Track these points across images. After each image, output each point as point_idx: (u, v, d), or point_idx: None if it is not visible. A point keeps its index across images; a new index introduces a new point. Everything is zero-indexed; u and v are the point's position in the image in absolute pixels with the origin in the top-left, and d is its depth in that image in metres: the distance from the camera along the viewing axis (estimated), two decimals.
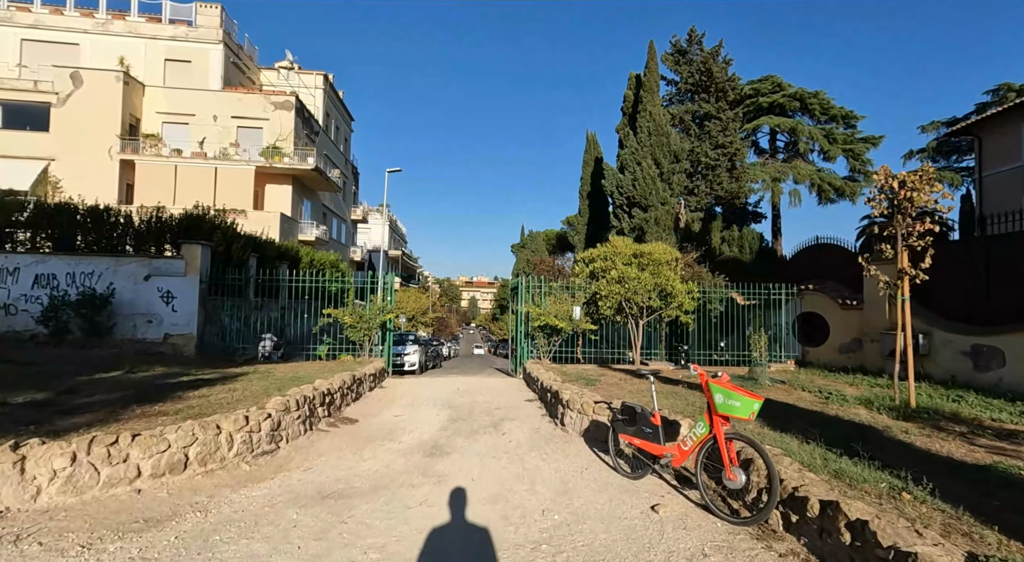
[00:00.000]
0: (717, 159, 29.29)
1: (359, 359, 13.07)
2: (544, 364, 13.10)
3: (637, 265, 13.32)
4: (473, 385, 12.19)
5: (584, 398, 6.92)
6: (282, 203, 27.64)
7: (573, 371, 11.54)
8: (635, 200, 27.82)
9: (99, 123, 25.27)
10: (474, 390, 11.25)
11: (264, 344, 14.35)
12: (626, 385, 8.82)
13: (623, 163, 28.84)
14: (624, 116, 33.82)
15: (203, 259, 12.93)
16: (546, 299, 14.08)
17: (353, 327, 12.98)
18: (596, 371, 11.70)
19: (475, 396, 10.39)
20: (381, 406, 9.23)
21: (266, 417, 5.80)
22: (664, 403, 6.92)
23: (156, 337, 12.54)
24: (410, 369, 16.51)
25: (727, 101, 30.20)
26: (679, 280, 13.25)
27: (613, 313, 13.29)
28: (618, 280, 13.02)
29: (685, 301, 13.05)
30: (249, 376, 9.14)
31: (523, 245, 63.43)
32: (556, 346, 13.67)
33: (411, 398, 10.17)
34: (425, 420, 8.04)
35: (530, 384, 11.61)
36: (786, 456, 4.37)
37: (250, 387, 7.77)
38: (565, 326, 13.19)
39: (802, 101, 32.92)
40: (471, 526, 4.04)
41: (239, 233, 14.80)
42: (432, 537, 3.81)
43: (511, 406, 9.21)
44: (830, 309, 13.25)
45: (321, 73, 32.05)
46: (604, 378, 10.05)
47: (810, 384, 9.57)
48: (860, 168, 33.16)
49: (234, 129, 27.33)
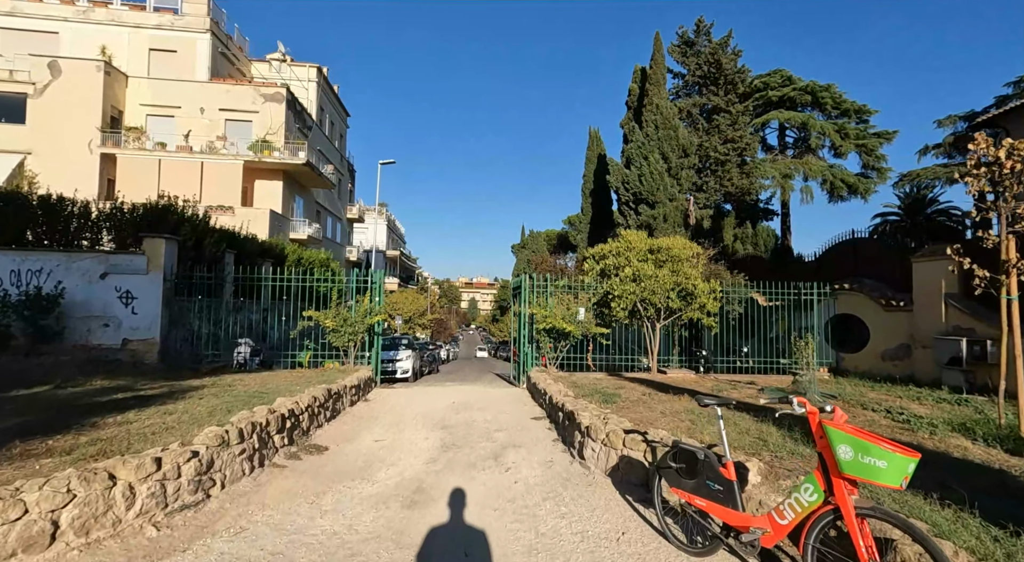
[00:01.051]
0: (727, 154, 27.81)
1: (343, 367, 11.54)
2: (551, 372, 11.57)
3: (653, 262, 11.80)
4: (471, 397, 10.66)
5: (610, 426, 5.38)
6: (272, 199, 26.12)
7: (585, 382, 10.01)
8: (642, 196, 26.31)
9: (79, 115, 23.75)
10: (472, 404, 9.72)
11: (240, 350, 12.83)
12: (655, 403, 7.29)
13: (629, 158, 27.35)
14: (629, 110, 32.35)
15: (168, 255, 11.40)
16: (551, 299, 12.56)
17: (336, 331, 11.45)
18: (611, 382, 10.18)
19: (473, 412, 8.85)
20: (361, 426, 7.70)
21: (189, 457, 4.27)
22: (709, 429, 5.40)
23: (113, 342, 11.00)
24: (403, 377, 14.96)
25: (737, 94, 28.73)
26: (700, 278, 11.72)
27: (627, 315, 11.76)
28: (633, 278, 11.49)
29: (708, 302, 11.53)
30: (203, 391, 7.61)
31: (523, 245, 61.95)
32: (564, 352, 12.14)
33: (398, 415, 8.64)
34: (411, 447, 6.52)
35: (536, 396, 10.09)
36: (942, 538, 2.84)
37: (195, 408, 6.23)
38: (574, 329, 11.66)
39: (813, 95, 31.41)
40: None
41: (212, 227, 13.27)
42: None
43: (516, 427, 7.68)
44: (870, 310, 11.73)
45: (314, 65, 30.55)
46: (623, 392, 8.52)
47: (865, 399, 8.04)
48: (873, 164, 31.68)
49: (222, 122, 25.82)
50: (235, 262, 14.01)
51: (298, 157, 25.41)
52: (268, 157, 25.02)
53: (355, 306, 11.89)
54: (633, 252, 11.96)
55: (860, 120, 31.97)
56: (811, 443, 4.41)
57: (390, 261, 50.87)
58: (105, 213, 11.56)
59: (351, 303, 12.04)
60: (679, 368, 12.67)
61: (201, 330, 12.60)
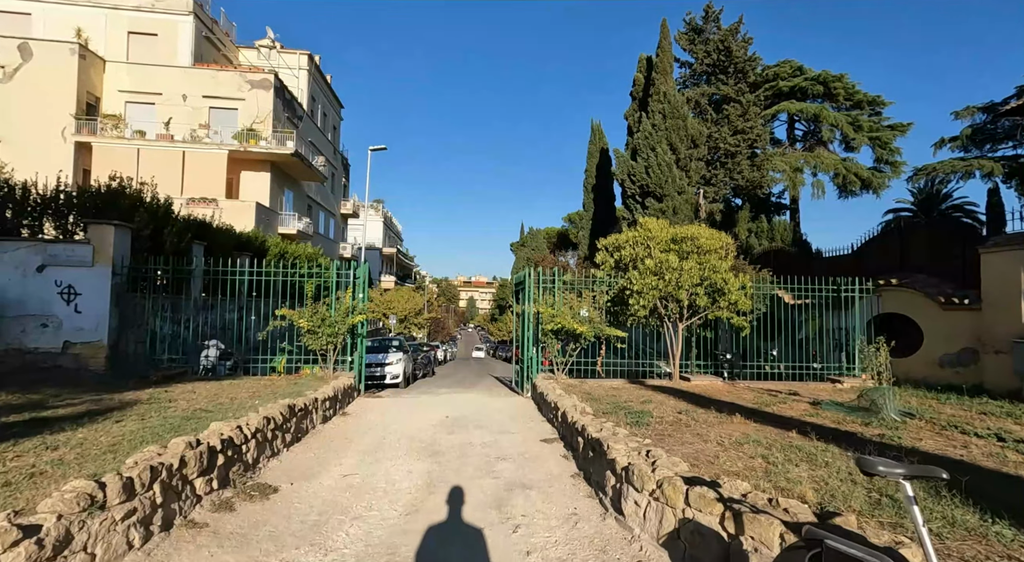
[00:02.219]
0: (737, 145, 26.24)
1: (321, 374, 9.93)
2: (559, 380, 9.99)
3: (677, 253, 10.21)
4: (468, 409, 9.06)
5: (661, 472, 3.77)
6: (259, 192, 24.47)
7: (601, 393, 8.42)
8: (649, 189, 24.73)
9: (52, 101, 22.08)
10: (468, 419, 8.12)
11: (208, 354, 11.23)
12: (700, 426, 5.69)
13: (635, 149, 25.76)
14: (634, 101, 30.75)
15: (118, 244, 9.77)
16: (560, 296, 10.97)
17: (312, 333, 9.84)
18: (631, 392, 8.59)
19: (469, 431, 7.25)
20: (329, 453, 6.09)
21: (18, 539, 2.67)
22: (797, 474, 3.81)
23: (52, 346, 9.37)
24: (392, 382, 13.34)
25: (747, 83, 27.16)
26: (731, 272, 10.15)
27: (648, 314, 10.18)
28: (655, 271, 9.91)
29: (739, 299, 9.95)
30: (131, 410, 6.00)
31: (523, 243, 60.41)
32: (574, 356, 10.55)
33: (379, 435, 7.03)
34: (388, 487, 4.92)
35: (544, 410, 8.50)
36: None
37: (99, 437, 4.63)
38: (586, 331, 10.07)
39: (825, 85, 29.87)
40: None
41: (174, 214, 11.64)
42: None
43: (523, 454, 6.09)
44: (924, 309, 10.17)
45: (305, 52, 28.88)
46: (652, 408, 6.93)
47: (944, 417, 6.47)
48: (887, 158, 30.18)
49: (206, 110, 24.17)
50: (206, 255, 12.39)
51: (286, 147, 23.77)
52: (254, 147, 23.38)
53: (335, 304, 10.28)
54: (654, 242, 10.37)
55: (873, 112, 30.47)
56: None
57: (386, 259, 49.22)
58: (45, 197, 9.92)
59: (333, 300, 10.42)
60: (703, 374, 11.09)
61: (163, 331, 10.98)
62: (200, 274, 11.88)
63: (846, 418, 6.30)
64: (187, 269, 10.96)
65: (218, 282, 11.65)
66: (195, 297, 11.90)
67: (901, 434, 5.44)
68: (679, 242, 10.41)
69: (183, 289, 11.59)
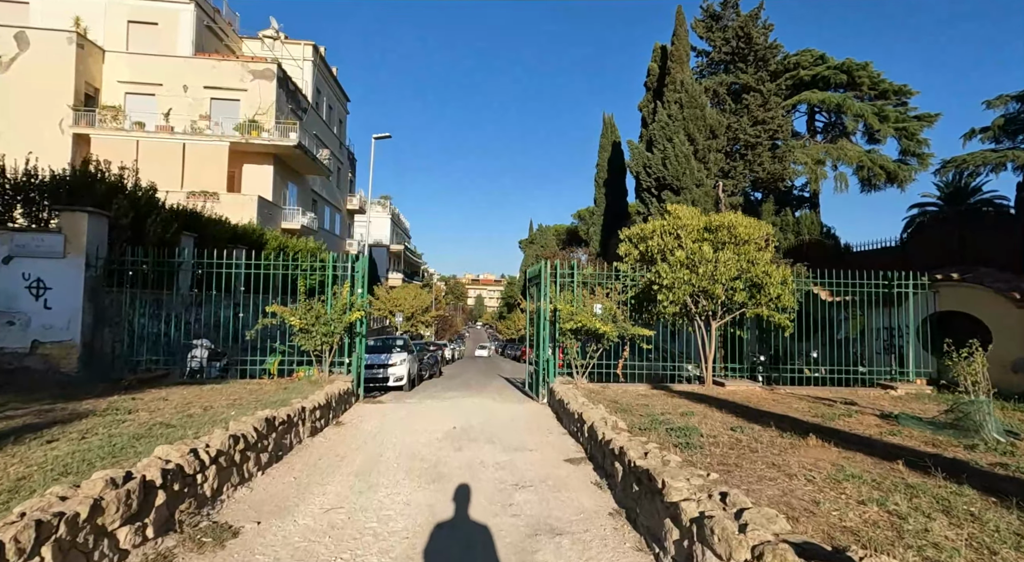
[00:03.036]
0: (757, 136, 24.94)
1: (315, 378, 8.90)
2: (580, 385, 8.89)
3: (711, 243, 9.06)
4: (477, 418, 7.98)
5: (753, 528, 2.66)
6: (262, 186, 23.55)
7: (631, 401, 7.31)
8: (666, 181, 23.52)
9: (49, 91, 21.28)
10: (478, 431, 7.04)
11: (195, 354, 10.23)
12: (767, 450, 4.55)
13: (651, 139, 24.55)
14: (648, 92, 29.55)
15: (93, 234, 8.80)
16: (579, 292, 9.86)
17: (305, 332, 8.79)
18: (663, 400, 7.47)
19: (480, 448, 6.17)
20: (313, 477, 5.04)
21: None
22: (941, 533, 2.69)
23: (19, 345, 8.42)
24: (396, 385, 12.29)
25: (768, 71, 25.85)
26: (772, 265, 8.98)
27: (678, 311, 9.04)
28: (687, 264, 8.77)
29: (783, 295, 8.79)
30: (82, 424, 4.98)
31: (531, 240, 59.32)
32: (596, 358, 9.43)
33: (374, 451, 5.97)
34: (379, 528, 3.85)
35: (565, 421, 7.40)
36: None
37: (6, 470, 3.60)
38: (610, 330, 8.95)
39: (849, 74, 28.41)
40: None
41: (159, 203, 10.66)
42: None
43: (545, 481, 4.99)
44: (993, 307, 8.96)
45: (310, 43, 27.92)
46: (697, 421, 5.81)
47: None
48: (914, 150, 28.68)
49: (207, 101, 23.28)
50: (199, 248, 11.38)
51: (289, 138, 22.81)
52: (256, 138, 22.45)
53: (332, 300, 9.23)
54: (685, 231, 9.22)
55: (899, 102, 28.97)
56: None
57: (393, 256, 48.30)
58: (14, 182, 8.96)
59: (329, 296, 9.37)
60: (737, 379, 9.92)
61: (147, 330, 10.01)
62: (189, 267, 10.93)
63: (938, 438, 5.14)
64: (170, 261, 9.94)
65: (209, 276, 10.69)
66: (183, 292, 10.93)
67: (1013, 461, 4.30)
68: (713, 231, 9.25)
69: (170, 284, 10.60)
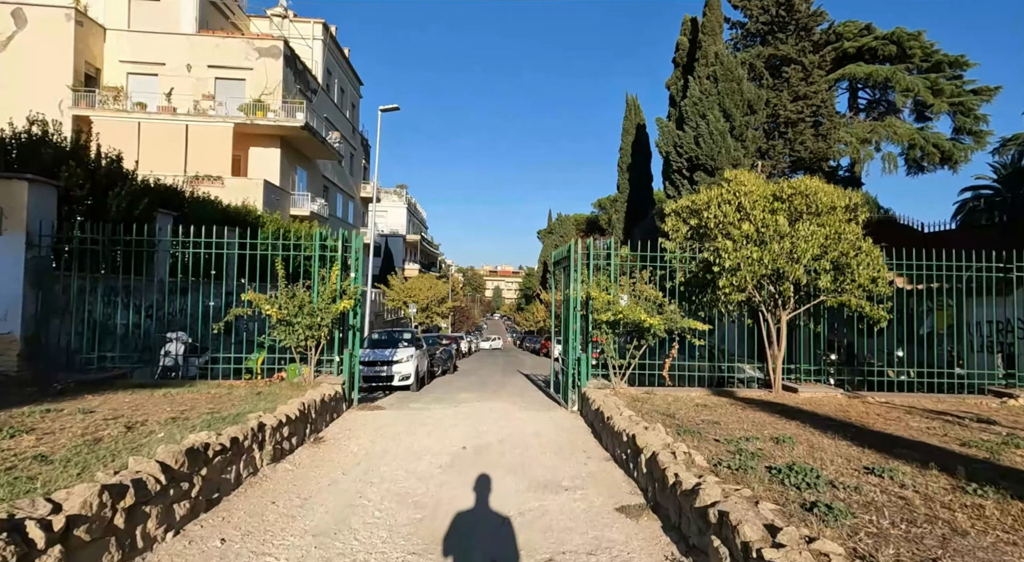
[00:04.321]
0: (799, 112, 22.62)
1: (297, 380, 7.29)
2: (620, 391, 7.11)
3: (786, 214, 7.16)
4: (494, 432, 6.27)
5: None
6: (268, 170, 22.12)
7: (691, 416, 5.53)
8: (698, 161, 21.42)
9: (48, 71, 20.07)
10: (496, 454, 5.33)
11: (169, 349, 8.73)
12: (973, 528, 2.75)
13: (682, 116, 22.41)
14: (677, 68, 27.31)
15: (37, 207, 7.29)
16: (617, 276, 8.06)
17: (286, 324, 7.16)
18: (737, 416, 5.66)
19: (498, 481, 4.45)
20: (249, 543, 3.38)
21: None
22: None
23: None
24: (402, 384, 10.66)
25: (811, 41, 23.40)
26: (866, 240, 7.05)
27: (744, 297, 7.18)
28: (756, 238, 6.90)
29: (878, 278, 6.87)
30: None
31: (550, 230, 57.38)
32: (638, 357, 7.63)
33: (350, 491, 4.30)
34: None
35: (606, 438, 5.63)
36: None
37: None
38: (657, 323, 7.13)
39: (899, 45, 25.81)
40: None
41: (124, 172, 9.14)
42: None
43: (595, 554, 3.25)
44: None
45: (320, 21, 26.33)
46: (805, 453, 4.00)
47: None
48: (970, 127, 26.01)
49: (211, 81, 21.89)
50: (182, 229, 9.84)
51: (295, 119, 21.29)
52: (261, 119, 20.99)
53: (319, 286, 7.59)
54: (749, 198, 7.32)
55: (954, 75, 26.25)
56: None
57: (410, 246, 46.87)
58: None
59: (316, 280, 7.72)
60: (812, 383, 8.03)
61: (114, 321, 8.54)
62: (166, 249, 9.40)
63: None
64: (139, 240, 8.37)
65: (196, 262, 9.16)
66: (159, 278, 9.41)
67: None
68: (785, 200, 7.34)
69: (143, 268, 9.07)
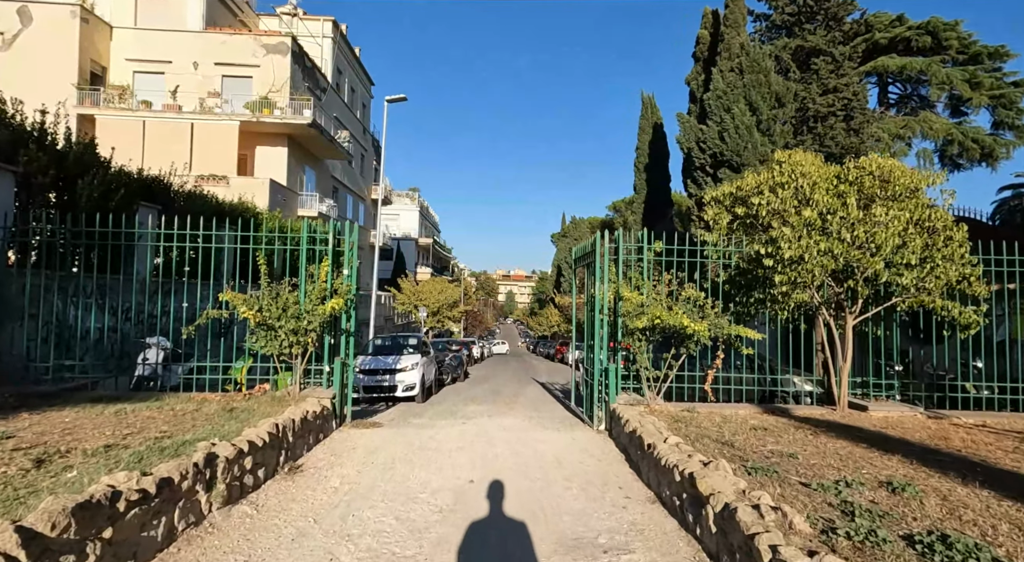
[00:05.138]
0: (830, 106, 21.24)
1: (279, 394, 6.25)
2: (656, 408, 5.95)
3: (855, 198, 5.95)
4: (508, 459, 5.16)
5: None
6: (275, 169, 21.34)
7: (753, 444, 4.35)
8: (723, 157, 20.16)
9: (53, 69, 19.54)
10: (510, 494, 4.22)
11: (148, 356, 7.77)
12: None
13: (705, 111, 21.18)
14: (697, 63, 26.07)
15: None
16: (650, 273, 6.91)
17: (266, 329, 6.12)
18: (820, 447, 4.48)
19: (513, 537, 3.34)
20: None
21: None
22: None
23: None
24: (406, 395, 9.58)
25: (841, 31, 22.04)
26: (958, 227, 5.82)
27: (805, 298, 5.99)
28: (820, 226, 5.71)
29: (971, 275, 5.64)
30: None
31: (564, 234, 56.19)
32: (676, 368, 6.46)
33: (320, 550, 3.19)
34: None
35: (646, 470, 4.47)
36: None
37: None
38: (702, 330, 5.96)
39: (934, 35, 24.32)
40: None
41: (99, 159, 8.24)
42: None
43: None
44: None
45: (330, 18, 25.63)
46: (937, 507, 2.83)
47: None
48: (1012, 121, 24.34)
49: (218, 78, 21.22)
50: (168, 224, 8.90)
51: (302, 116, 20.48)
52: (267, 116, 20.21)
53: (306, 285, 6.55)
54: (808, 180, 6.13)
55: (994, 67, 24.66)
56: None
57: (422, 249, 46.03)
58: None
59: (303, 278, 6.69)
60: (883, 401, 6.77)
61: (81, 324, 7.62)
62: (148, 245, 8.47)
63: None
64: (90, 231, 7.35)
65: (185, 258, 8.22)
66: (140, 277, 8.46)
67: None
68: (851, 183, 6.14)
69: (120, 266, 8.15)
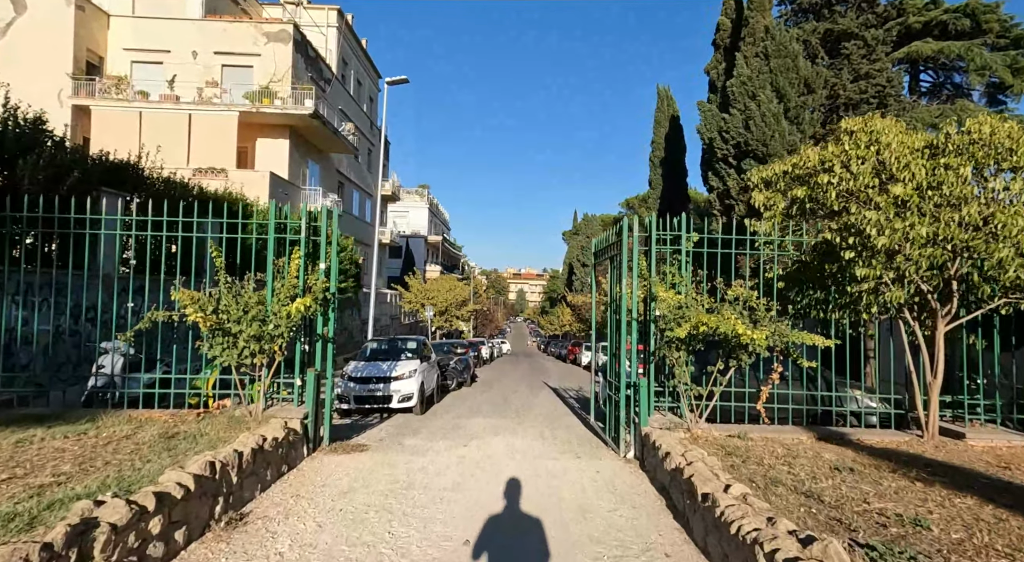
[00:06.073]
0: (863, 92, 19.75)
1: (238, 413, 5.12)
2: (698, 433, 4.73)
3: (955, 169, 4.67)
4: (513, 508, 3.99)
5: None
6: (276, 162, 20.35)
7: (854, 497, 3.10)
8: (748, 147, 18.75)
9: (48, 59, 18.71)
10: (516, 558, 3.04)
11: (102, 363, 6.68)
12: None
13: (727, 99, 19.78)
14: (717, 51, 24.60)
15: None
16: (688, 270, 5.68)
17: (221, 334, 4.99)
18: (965, 514, 3.24)
19: None
20: None
21: None
22: None
23: None
24: (402, 406, 8.42)
25: (874, 13, 20.52)
26: None
27: (902, 298, 4.72)
28: (917, 206, 4.44)
29: None
30: None
31: (576, 231, 54.83)
32: (723, 384, 5.22)
33: None
34: None
35: (698, 526, 3.25)
36: None
37: None
38: (760, 339, 4.71)
39: (973, 18, 22.62)
40: None
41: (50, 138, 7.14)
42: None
43: None
44: None
45: (335, 7, 24.59)
46: None
47: None
48: None
49: (218, 68, 20.25)
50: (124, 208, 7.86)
51: (304, 106, 19.44)
52: (267, 107, 19.20)
53: (273, 282, 5.40)
54: (889, 153, 4.86)
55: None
56: None
57: (432, 247, 44.99)
58: None
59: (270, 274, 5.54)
60: (981, 425, 5.48)
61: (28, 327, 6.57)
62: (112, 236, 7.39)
63: None
64: (16, 217, 6.36)
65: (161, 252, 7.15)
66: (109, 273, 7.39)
67: None
68: (947, 154, 4.85)
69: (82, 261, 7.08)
